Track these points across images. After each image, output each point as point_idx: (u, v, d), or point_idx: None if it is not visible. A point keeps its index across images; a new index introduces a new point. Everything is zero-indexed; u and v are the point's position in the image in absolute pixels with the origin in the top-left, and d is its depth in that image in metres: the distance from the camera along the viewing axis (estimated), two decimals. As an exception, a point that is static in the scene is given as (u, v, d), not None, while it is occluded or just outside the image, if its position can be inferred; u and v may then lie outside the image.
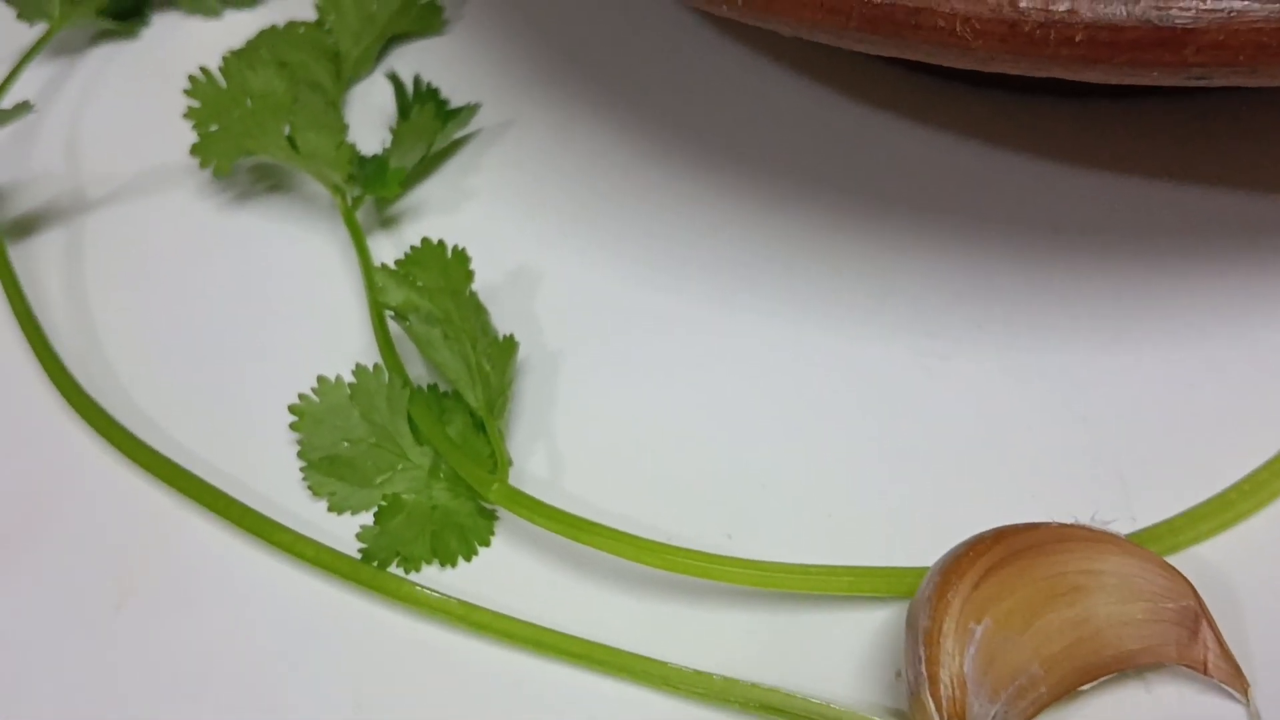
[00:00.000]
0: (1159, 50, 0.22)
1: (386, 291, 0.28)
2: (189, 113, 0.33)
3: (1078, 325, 0.29)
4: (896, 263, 0.30)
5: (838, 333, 0.29)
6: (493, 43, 0.38)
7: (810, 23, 0.24)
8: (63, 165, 0.35)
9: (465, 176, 0.34)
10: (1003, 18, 0.22)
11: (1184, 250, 0.30)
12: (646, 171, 0.33)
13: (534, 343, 0.30)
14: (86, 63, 0.38)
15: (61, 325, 0.31)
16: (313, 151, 0.31)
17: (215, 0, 0.39)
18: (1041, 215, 0.31)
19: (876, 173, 0.32)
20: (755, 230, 0.31)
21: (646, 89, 0.35)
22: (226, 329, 0.31)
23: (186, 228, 0.33)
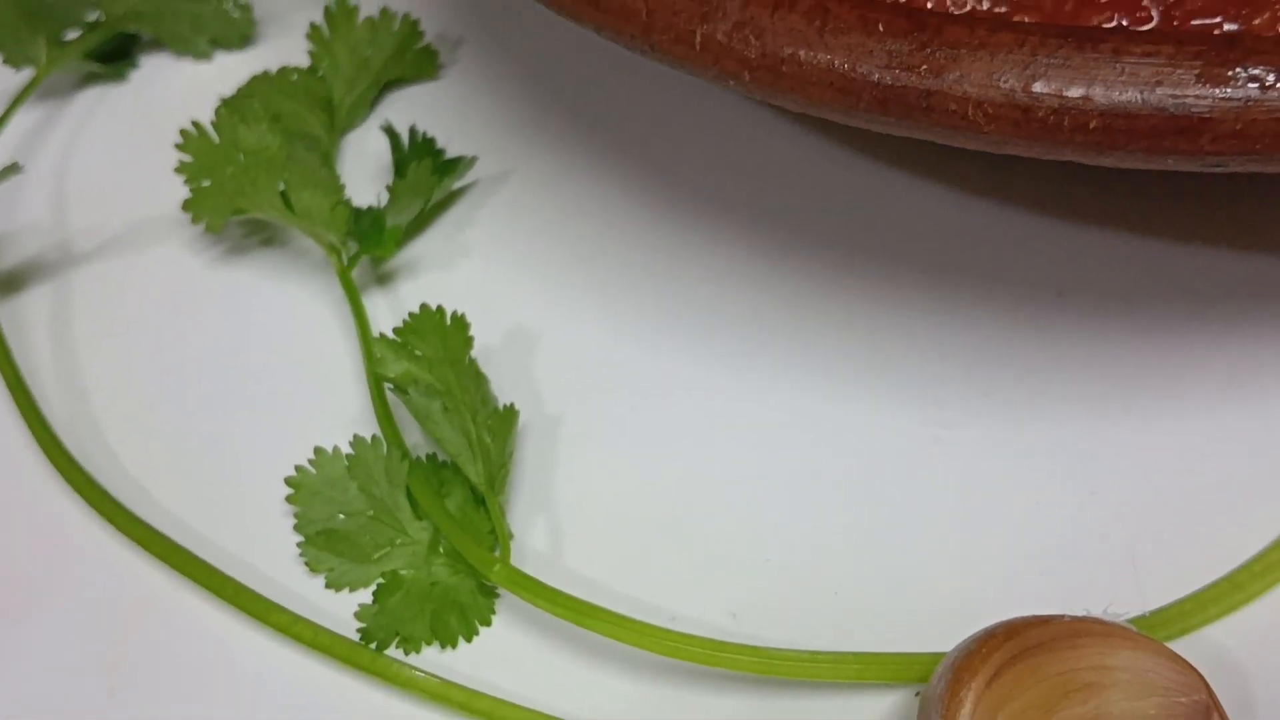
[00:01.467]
0: (1175, 139, 0.22)
1: (385, 363, 0.27)
2: (180, 167, 0.32)
3: (1085, 393, 0.28)
4: (903, 326, 0.30)
5: (843, 400, 0.29)
6: (489, 88, 0.37)
7: (819, 101, 0.24)
8: (50, 217, 0.35)
9: (462, 230, 0.33)
10: (1016, 103, 0.22)
11: (1191, 314, 0.29)
12: (647, 226, 0.33)
13: (533, 407, 0.29)
14: (74, 107, 0.38)
15: (50, 387, 0.31)
16: (307, 211, 0.30)
17: (205, 42, 0.38)
18: (1046, 277, 0.30)
19: (881, 230, 0.32)
20: (758, 290, 0.31)
21: (646, 139, 0.35)
22: (220, 391, 0.30)
23: (177, 284, 0.33)
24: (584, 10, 0.26)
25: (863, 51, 0.23)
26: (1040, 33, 0.22)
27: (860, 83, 0.23)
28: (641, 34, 0.25)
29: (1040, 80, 0.22)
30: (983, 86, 0.22)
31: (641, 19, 0.25)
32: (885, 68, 0.23)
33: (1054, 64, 0.22)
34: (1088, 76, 0.22)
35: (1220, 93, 0.21)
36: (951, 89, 0.22)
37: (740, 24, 0.24)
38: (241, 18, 0.38)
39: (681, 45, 0.25)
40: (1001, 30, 0.22)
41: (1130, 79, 0.22)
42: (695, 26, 0.24)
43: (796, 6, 0.24)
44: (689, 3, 0.24)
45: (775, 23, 0.24)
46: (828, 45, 0.23)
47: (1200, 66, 0.21)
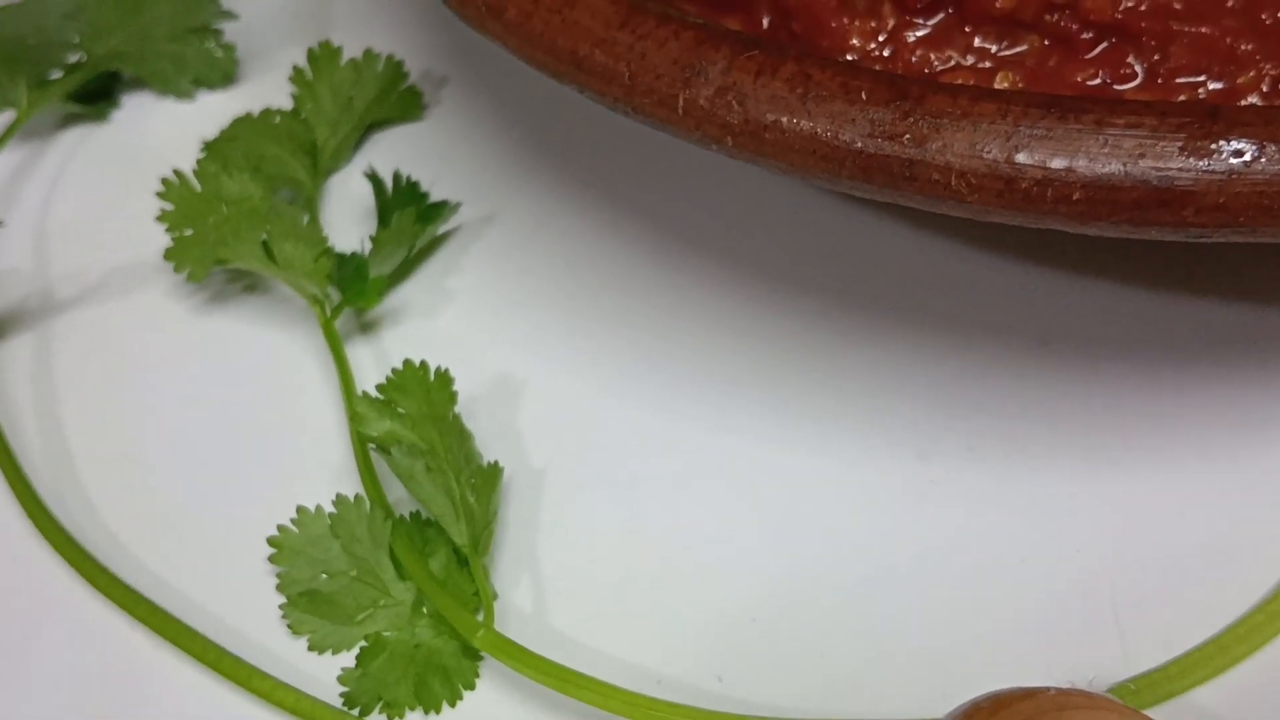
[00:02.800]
0: (1158, 211, 0.22)
1: (368, 422, 0.27)
2: (162, 215, 0.32)
3: (1069, 448, 0.28)
4: (887, 377, 0.30)
5: (830, 454, 0.29)
6: (473, 128, 0.37)
7: (802, 168, 0.23)
8: (31, 262, 0.34)
9: (446, 276, 0.33)
10: (999, 174, 0.22)
11: (1176, 366, 0.29)
12: (631, 273, 0.33)
13: (517, 460, 0.29)
14: (55, 148, 0.37)
15: (31, 439, 0.30)
16: (290, 262, 0.30)
17: (187, 82, 0.38)
18: (1030, 326, 0.30)
19: (865, 279, 0.31)
20: (742, 341, 0.31)
21: (632, 182, 0.35)
22: (202, 444, 0.30)
23: (160, 332, 0.32)
24: (566, 70, 0.26)
25: (845, 119, 0.23)
26: (1023, 103, 0.22)
27: (843, 151, 0.23)
28: (624, 96, 0.25)
29: (1023, 151, 0.22)
30: (966, 157, 0.22)
31: (624, 82, 0.25)
32: (868, 136, 0.23)
33: (1037, 135, 0.22)
34: (1071, 148, 0.22)
35: (1203, 165, 0.21)
36: (934, 159, 0.22)
37: (723, 89, 0.24)
38: (224, 57, 0.38)
39: (664, 109, 0.24)
40: (983, 100, 0.22)
41: (1113, 151, 0.22)
42: (678, 91, 0.24)
43: (779, 73, 0.23)
44: (672, 67, 0.24)
45: (758, 89, 0.23)
46: (810, 113, 0.23)
47: (1183, 139, 0.21)
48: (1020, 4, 0.27)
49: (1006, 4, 0.27)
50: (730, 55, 0.24)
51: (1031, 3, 0.27)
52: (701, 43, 0.24)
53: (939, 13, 0.28)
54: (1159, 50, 0.27)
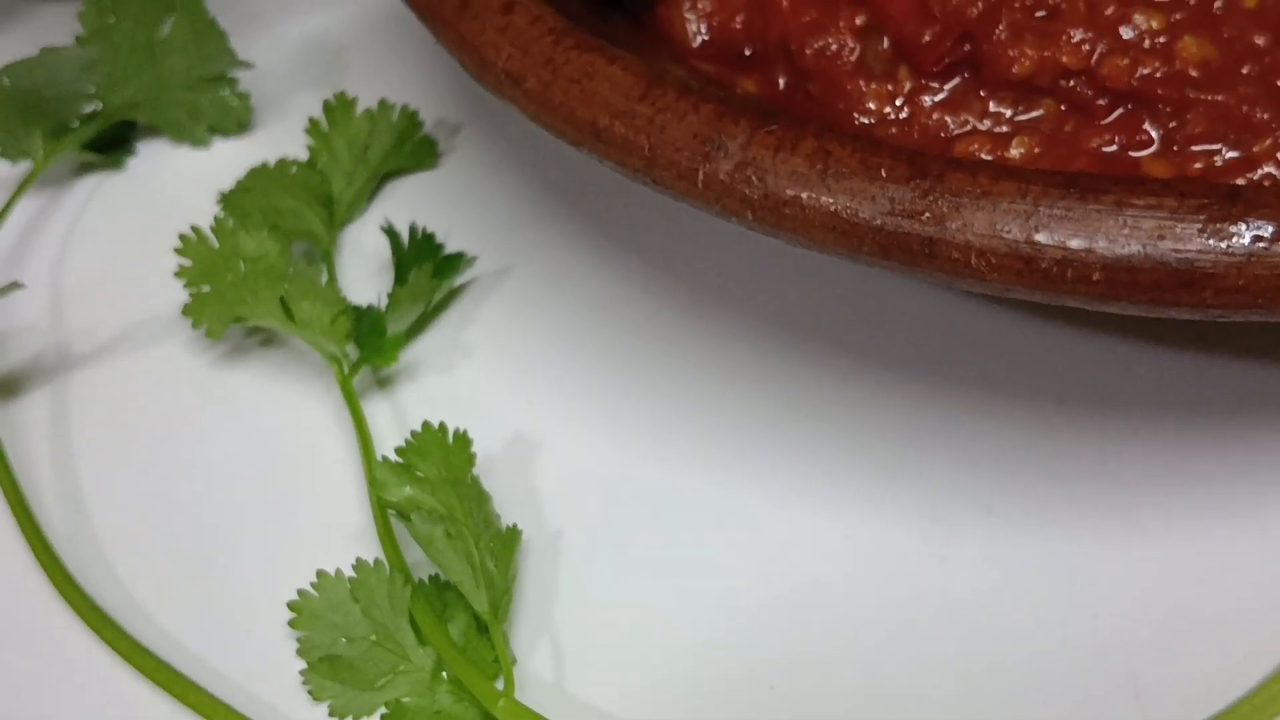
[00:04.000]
0: (1178, 292, 0.22)
1: (388, 487, 0.27)
2: (179, 271, 0.32)
3: (1087, 510, 0.28)
4: (904, 437, 0.30)
5: (846, 516, 0.29)
6: (489, 177, 0.37)
7: (822, 243, 0.24)
8: (47, 316, 0.34)
9: (462, 330, 0.33)
10: (1019, 253, 0.22)
11: (1193, 426, 0.29)
12: (648, 326, 0.33)
13: (535, 522, 0.29)
14: (70, 197, 0.37)
15: (49, 499, 0.31)
16: (308, 321, 0.30)
17: (203, 130, 0.38)
18: (1046, 385, 0.30)
19: (883, 336, 0.31)
20: (760, 400, 0.31)
21: (649, 232, 0.35)
22: (221, 504, 0.30)
23: (177, 388, 0.33)
24: (585, 140, 0.26)
25: (865, 197, 0.23)
26: (1042, 182, 0.22)
27: (863, 228, 0.23)
28: (643, 169, 0.25)
29: (1043, 231, 0.22)
30: (985, 236, 0.22)
31: (644, 154, 0.25)
32: (888, 214, 0.23)
33: (1056, 215, 0.22)
34: (1090, 228, 0.22)
35: (1223, 247, 0.21)
36: (954, 237, 0.22)
37: (743, 164, 0.24)
38: (239, 105, 0.38)
39: (684, 182, 0.25)
40: (1003, 178, 0.22)
41: (1133, 232, 0.22)
42: (698, 165, 0.24)
43: (798, 149, 0.24)
44: (691, 141, 0.24)
45: (777, 164, 0.24)
46: (830, 189, 0.23)
47: (1203, 220, 0.21)
48: (1037, 70, 0.27)
49: (1023, 70, 0.27)
50: (750, 129, 0.24)
51: (1048, 69, 0.27)
52: (721, 116, 0.24)
53: (955, 77, 0.28)
54: (1175, 117, 0.27)
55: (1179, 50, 0.27)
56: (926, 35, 0.28)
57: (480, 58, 0.27)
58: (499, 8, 0.27)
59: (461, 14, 0.28)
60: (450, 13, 0.28)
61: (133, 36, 0.37)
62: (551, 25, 0.27)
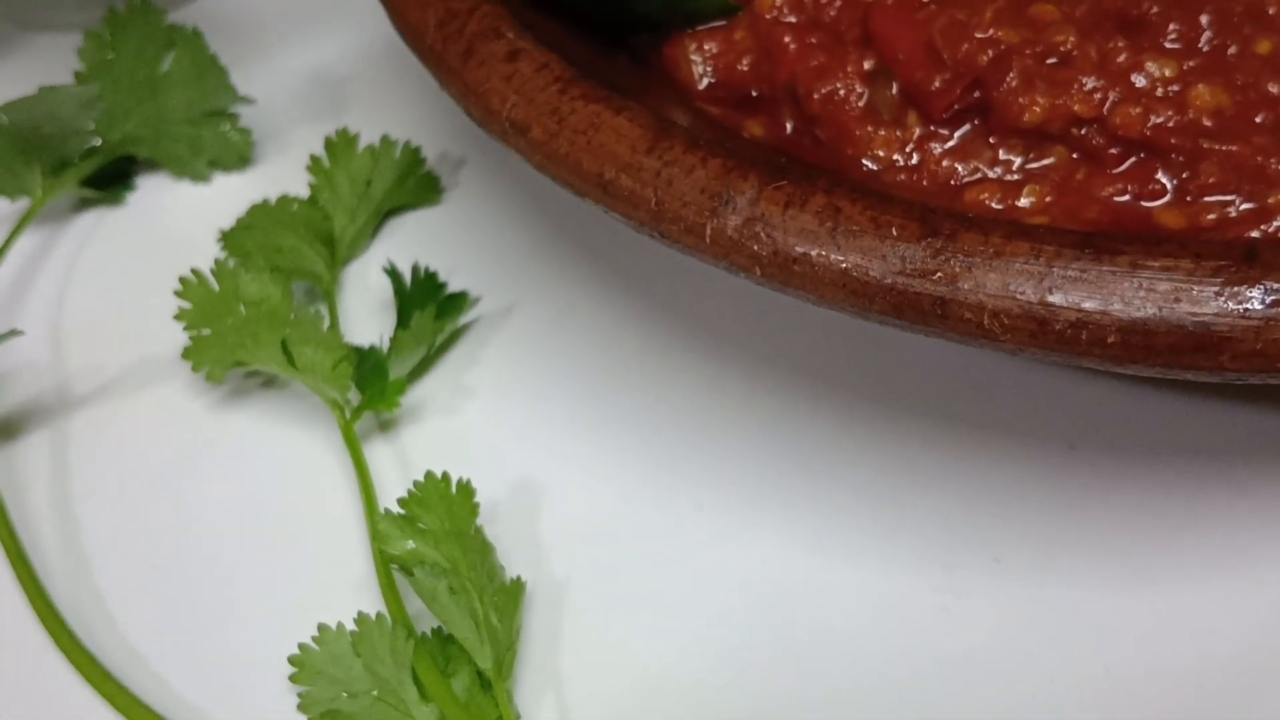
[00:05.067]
0: (1194, 355, 0.21)
1: (391, 540, 0.27)
2: (180, 314, 0.32)
3: (1098, 559, 0.28)
4: (912, 483, 0.29)
5: (854, 563, 0.29)
6: (492, 213, 0.37)
7: (832, 301, 0.23)
8: (47, 354, 0.34)
9: (465, 371, 0.33)
10: (1033, 315, 0.22)
11: (1207, 472, 0.29)
12: (654, 369, 0.32)
13: (539, 570, 0.29)
14: (70, 233, 0.37)
15: (49, 547, 0.30)
16: (310, 367, 0.30)
17: (203, 165, 0.38)
18: (1058, 429, 0.30)
19: (891, 381, 0.31)
20: (766, 443, 0.31)
21: (653, 269, 0.34)
22: (221, 552, 0.30)
23: (178, 430, 0.32)
24: (591, 192, 0.25)
25: (876, 255, 0.23)
26: (1056, 242, 0.22)
27: (873, 287, 0.23)
28: (650, 222, 0.25)
29: (1057, 293, 0.22)
30: (998, 297, 0.22)
31: (651, 208, 0.25)
32: (899, 273, 0.22)
33: (1070, 276, 0.22)
34: (1105, 290, 0.22)
35: (1240, 310, 0.21)
36: (966, 298, 0.22)
37: (751, 220, 0.24)
38: (240, 140, 0.38)
39: (691, 237, 0.24)
40: (1016, 238, 0.22)
41: (1149, 294, 0.21)
42: (705, 220, 0.24)
43: (808, 205, 0.23)
44: (699, 195, 0.24)
45: (786, 220, 0.23)
46: (840, 246, 0.23)
47: (1220, 283, 0.21)
48: (1048, 118, 0.27)
49: (1034, 118, 0.27)
50: (759, 184, 0.24)
51: (1059, 117, 0.27)
52: (730, 170, 0.24)
53: (965, 124, 0.28)
54: (1188, 167, 0.26)
55: (1192, 99, 0.26)
56: (936, 82, 0.28)
57: (485, 106, 0.27)
58: (504, 55, 0.27)
59: (466, 61, 0.27)
60: (455, 59, 0.28)
61: (133, 72, 0.37)
62: (557, 74, 0.26)
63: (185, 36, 0.37)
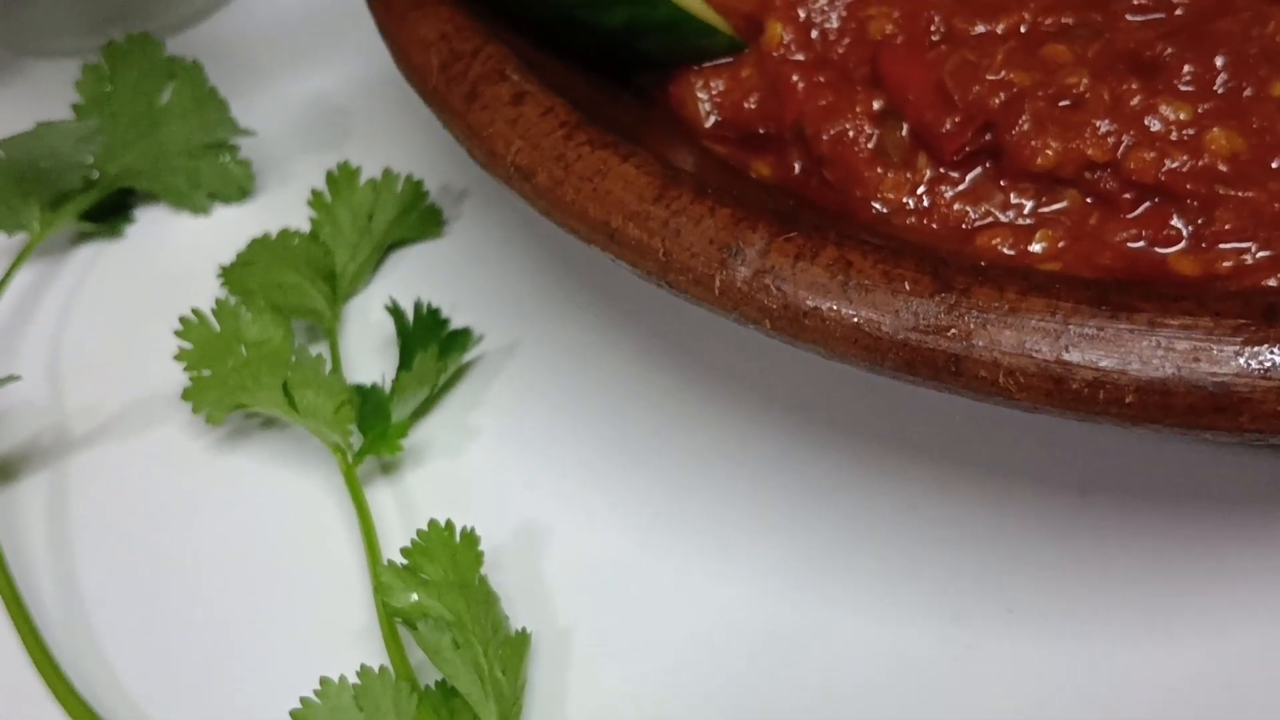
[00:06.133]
0: (1213, 416, 0.21)
1: (394, 593, 0.26)
2: (180, 354, 0.31)
3: (1111, 608, 0.28)
4: (922, 531, 0.29)
5: (862, 612, 0.28)
6: (494, 247, 0.36)
7: (844, 355, 0.23)
8: (46, 393, 0.34)
9: (468, 412, 0.33)
10: (1049, 374, 0.21)
11: (1219, 518, 0.29)
12: (658, 409, 0.32)
13: (544, 618, 0.29)
14: (68, 267, 0.37)
15: (45, 591, 0.30)
16: (311, 410, 0.30)
17: (203, 197, 0.37)
18: (1069, 475, 0.30)
19: (899, 426, 0.31)
20: (775, 488, 0.30)
21: (657, 305, 0.34)
22: (221, 600, 0.29)
23: (177, 472, 0.32)
24: (598, 240, 0.25)
25: (888, 310, 0.22)
26: (1072, 298, 0.22)
27: (886, 342, 0.22)
28: (658, 272, 0.24)
29: (1074, 350, 0.21)
30: (1014, 354, 0.22)
31: (659, 258, 0.24)
32: (912, 329, 0.22)
33: (1087, 334, 0.21)
34: (1123, 349, 0.21)
35: (1261, 370, 0.21)
36: (981, 355, 0.22)
37: (761, 272, 0.23)
38: (240, 172, 0.37)
39: (700, 288, 0.24)
40: (1032, 293, 0.22)
41: (1167, 353, 0.21)
42: (714, 271, 0.24)
43: (818, 258, 0.23)
44: (708, 246, 0.24)
45: (797, 273, 0.23)
46: (851, 301, 0.22)
47: (1239, 342, 0.21)
48: (1061, 162, 0.26)
49: (1046, 162, 0.26)
50: (768, 236, 0.23)
51: (1072, 160, 0.26)
52: (739, 221, 0.24)
53: (976, 166, 0.28)
54: (1204, 213, 0.26)
55: (1207, 143, 0.26)
56: (947, 124, 0.27)
57: (489, 150, 0.27)
58: (509, 98, 0.27)
59: (470, 104, 0.27)
60: (458, 102, 0.27)
61: (132, 104, 0.36)
62: (563, 119, 0.26)
63: (185, 69, 0.37)
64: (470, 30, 0.28)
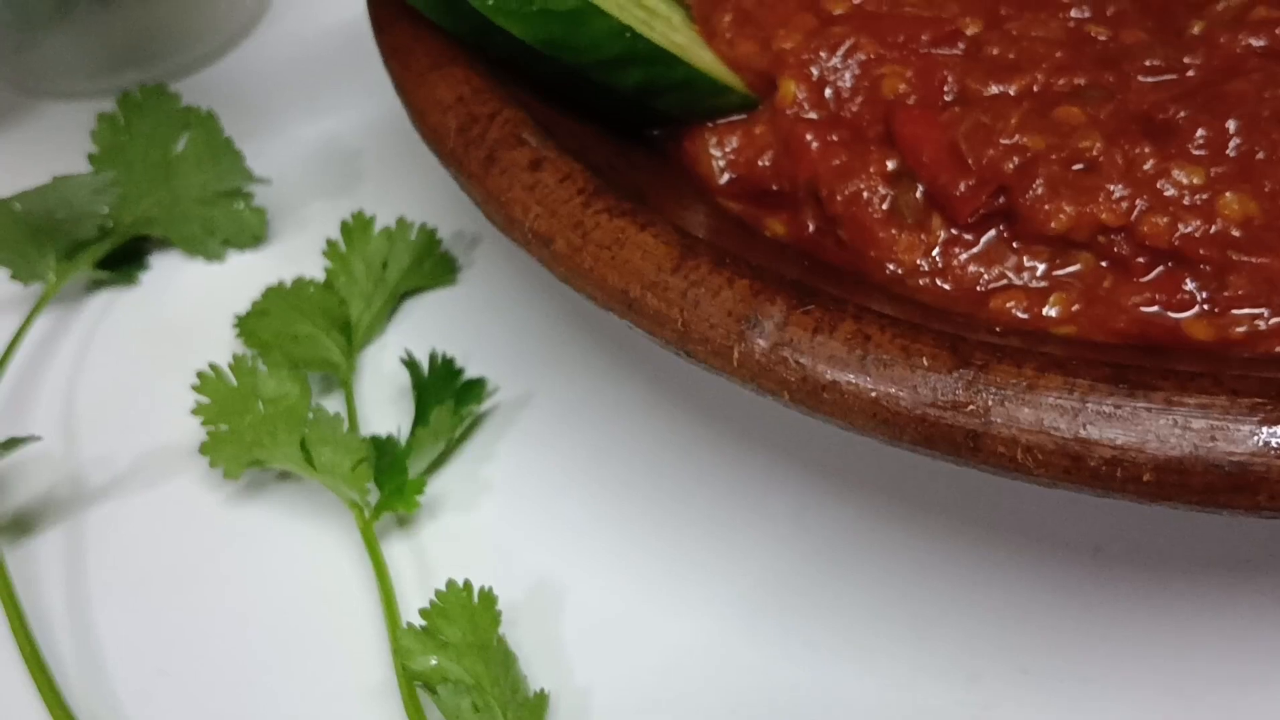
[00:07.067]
0: (1231, 495, 0.21)
1: (413, 655, 0.26)
2: (197, 409, 0.31)
3: (1124, 671, 0.28)
4: (938, 589, 0.29)
5: (878, 673, 0.28)
6: (507, 294, 0.37)
7: (862, 429, 0.23)
8: (61, 444, 0.34)
9: (482, 464, 0.33)
10: (1067, 451, 0.22)
11: (1233, 577, 0.29)
12: (672, 463, 0.32)
13: (561, 678, 0.29)
14: (83, 316, 0.37)
15: (64, 646, 0.30)
16: (329, 468, 0.30)
17: (217, 244, 0.37)
18: (1081, 532, 0.30)
19: (913, 484, 0.31)
20: (790, 545, 0.30)
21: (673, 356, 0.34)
22: (238, 654, 0.29)
23: (194, 526, 0.32)
24: (616, 307, 0.25)
25: (907, 386, 0.22)
26: (1089, 375, 0.22)
27: (905, 417, 0.22)
28: (676, 341, 0.24)
29: (1091, 428, 0.21)
30: (1032, 432, 0.22)
31: (677, 328, 0.24)
32: (930, 405, 0.22)
33: (1105, 412, 0.21)
34: (1140, 428, 0.21)
35: (1278, 449, 0.21)
36: (999, 432, 0.22)
37: (779, 344, 0.23)
38: (254, 219, 0.38)
39: (718, 359, 0.24)
40: (1049, 370, 0.22)
41: (1184, 431, 0.21)
42: (733, 344, 0.24)
43: (837, 331, 0.23)
44: (726, 318, 0.24)
45: (815, 346, 0.23)
46: (870, 375, 0.23)
47: (1257, 422, 0.21)
48: (1074, 226, 0.27)
49: (1060, 226, 0.27)
50: (786, 308, 0.23)
51: (1086, 225, 0.27)
52: (757, 294, 0.24)
53: (990, 229, 0.28)
54: (1217, 278, 0.26)
55: (1220, 208, 0.26)
56: (961, 186, 0.27)
57: (507, 215, 0.27)
58: (526, 164, 0.27)
59: (488, 168, 0.27)
60: (476, 166, 0.27)
61: (146, 154, 0.37)
62: (581, 186, 0.26)
63: (200, 118, 0.37)
64: (488, 93, 0.28)
